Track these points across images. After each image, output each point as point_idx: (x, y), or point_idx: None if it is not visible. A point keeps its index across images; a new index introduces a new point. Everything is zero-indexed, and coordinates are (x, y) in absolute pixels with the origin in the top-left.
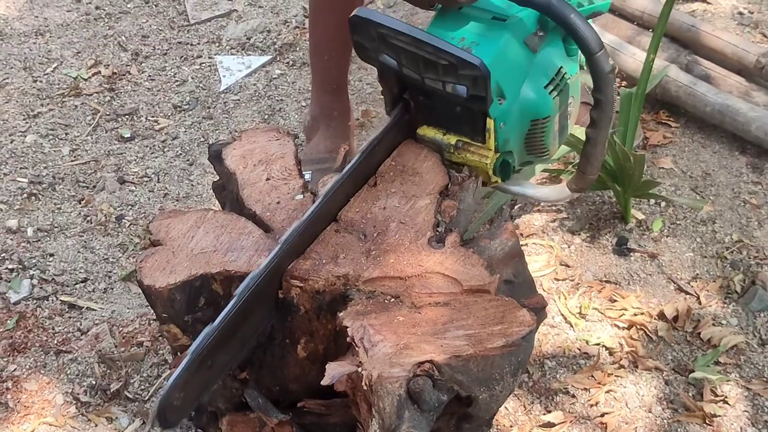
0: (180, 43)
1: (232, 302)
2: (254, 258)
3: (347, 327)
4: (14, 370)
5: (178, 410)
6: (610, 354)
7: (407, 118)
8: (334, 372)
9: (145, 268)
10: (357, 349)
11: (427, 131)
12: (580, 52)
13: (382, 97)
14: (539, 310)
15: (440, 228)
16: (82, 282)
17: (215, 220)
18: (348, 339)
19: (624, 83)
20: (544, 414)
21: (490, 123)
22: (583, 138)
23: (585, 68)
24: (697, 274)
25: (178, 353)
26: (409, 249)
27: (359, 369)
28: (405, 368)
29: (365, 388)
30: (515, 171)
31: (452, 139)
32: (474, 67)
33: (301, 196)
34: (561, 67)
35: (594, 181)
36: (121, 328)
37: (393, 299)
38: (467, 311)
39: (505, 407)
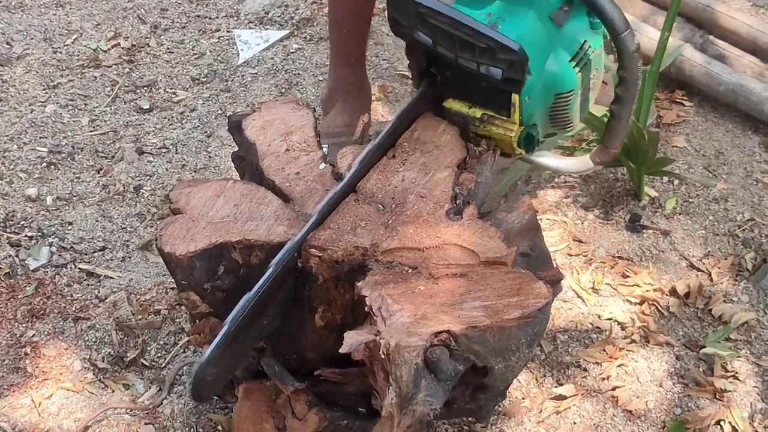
0: (198, 16)
1: (268, 272)
2: (274, 227)
3: (366, 296)
4: (33, 335)
5: (210, 385)
6: (622, 329)
7: (433, 91)
8: (352, 340)
9: (165, 236)
10: (375, 318)
11: (453, 104)
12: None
13: (409, 70)
14: (555, 283)
15: (458, 200)
16: (100, 250)
17: (235, 189)
18: (366, 308)
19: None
20: (555, 387)
21: (515, 98)
22: (600, 116)
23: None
24: (709, 251)
25: (197, 321)
26: (427, 221)
27: (377, 338)
28: (422, 338)
29: (383, 356)
30: (539, 143)
31: (477, 113)
32: (512, 52)
33: (324, 165)
34: (585, 41)
35: (616, 154)
36: (138, 296)
37: (411, 270)
38: (484, 283)
39: (518, 379)
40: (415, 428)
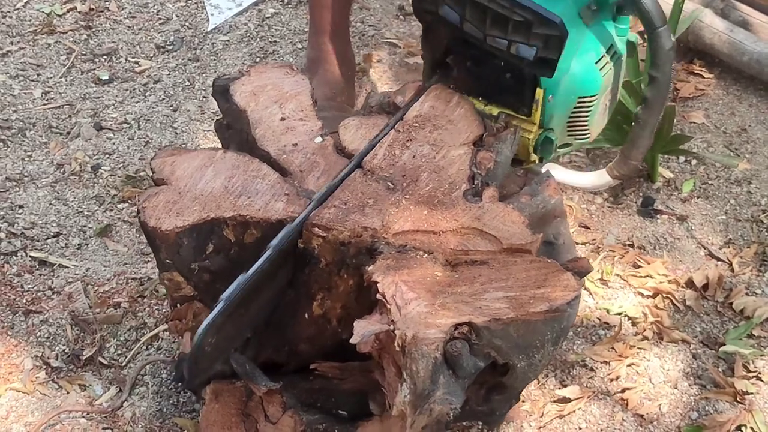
0: None
1: (272, 247)
2: (271, 203)
3: (377, 282)
4: None
5: (209, 357)
6: (633, 324)
7: (446, 85)
8: (364, 330)
9: (149, 209)
10: (388, 306)
11: None
12: (628, 34)
13: (420, 70)
14: (583, 275)
15: (476, 181)
16: (54, 237)
17: (226, 160)
18: (378, 295)
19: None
20: (559, 388)
21: (539, 93)
22: None
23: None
24: (730, 238)
25: (178, 305)
26: (443, 202)
27: (391, 328)
28: (442, 329)
29: (397, 349)
30: (556, 151)
31: (494, 111)
32: (553, 25)
33: (321, 138)
34: (612, 45)
35: (638, 167)
36: (96, 288)
37: (426, 255)
38: (507, 272)
39: None
40: (432, 429)
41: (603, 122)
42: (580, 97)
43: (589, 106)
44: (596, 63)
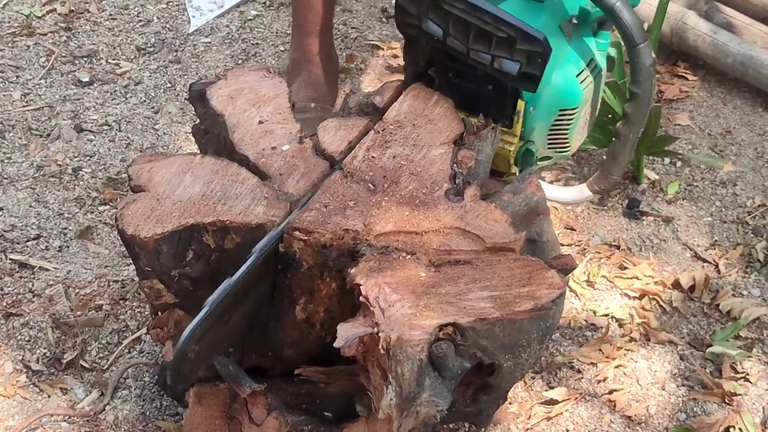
0: None
1: (256, 252)
2: (251, 207)
3: (360, 285)
4: None
5: (191, 364)
6: (620, 326)
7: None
8: (348, 334)
9: (127, 216)
10: (372, 309)
11: None
12: (608, 48)
13: (402, 71)
14: (567, 272)
15: (458, 180)
16: (34, 239)
17: (204, 165)
18: (361, 298)
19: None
20: (546, 390)
21: (520, 105)
22: None
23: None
24: (716, 240)
25: (159, 313)
26: (425, 202)
27: (375, 331)
28: (427, 331)
29: (382, 352)
30: (536, 163)
31: (475, 122)
32: (536, 42)
33: (288, 146)
34: (592, 59)
35: (618, 183)
36: (77, 290)
37: (409, 256)
38: (491, 271)
39: None
40: (419, 431)
41: (583, 136)
42: (561, 110)
43: (569, 119)
44: (577, 76)
